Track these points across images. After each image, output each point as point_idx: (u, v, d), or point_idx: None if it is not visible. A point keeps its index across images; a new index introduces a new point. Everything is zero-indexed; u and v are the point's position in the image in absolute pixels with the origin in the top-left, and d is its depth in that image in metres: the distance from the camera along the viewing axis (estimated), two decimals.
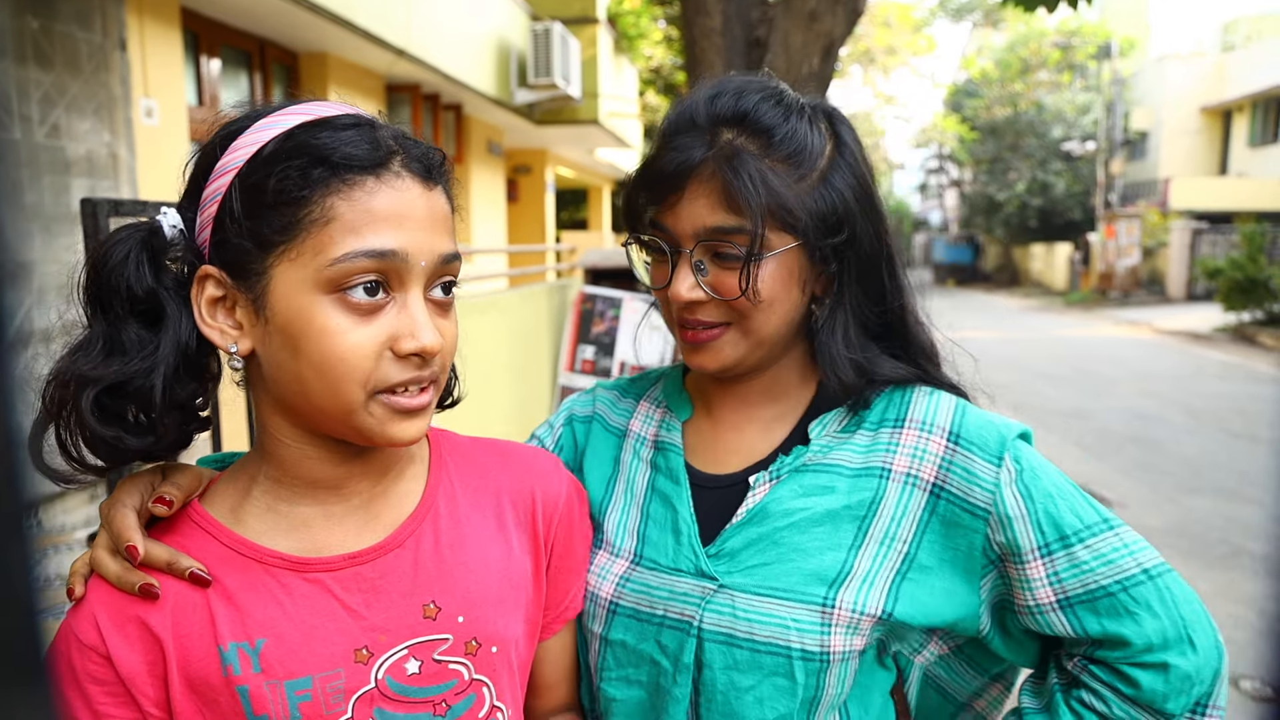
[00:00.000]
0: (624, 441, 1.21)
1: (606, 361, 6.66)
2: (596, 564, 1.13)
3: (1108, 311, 24.24)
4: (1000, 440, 1.05)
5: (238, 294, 0.86)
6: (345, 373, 0.84)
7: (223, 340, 0.87)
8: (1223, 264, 18.64)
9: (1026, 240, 37.20)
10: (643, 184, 1.09)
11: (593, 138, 13.84)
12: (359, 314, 0.84)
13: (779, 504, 1.07)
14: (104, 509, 0.91)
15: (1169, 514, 6.70)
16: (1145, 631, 1.01)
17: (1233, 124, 31.32)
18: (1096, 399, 11.22)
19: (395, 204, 0.85)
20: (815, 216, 1.02)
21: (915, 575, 1.04)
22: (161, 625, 0.86)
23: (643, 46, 16.55)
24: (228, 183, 0.85)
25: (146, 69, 6.01)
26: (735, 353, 1.07)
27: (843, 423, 1.11)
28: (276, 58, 7.90)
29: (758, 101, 1.03)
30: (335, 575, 0.91)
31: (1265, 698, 4.07)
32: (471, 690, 0.95)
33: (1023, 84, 35.62)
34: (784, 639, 1.01)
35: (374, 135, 0.86)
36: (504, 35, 10.53)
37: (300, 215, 0.82)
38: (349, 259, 0.82)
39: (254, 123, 0.87)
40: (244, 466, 0.96)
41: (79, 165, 5.47)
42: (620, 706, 1.10)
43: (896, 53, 24.00)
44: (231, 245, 0.85)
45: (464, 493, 1.02)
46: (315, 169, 0.82)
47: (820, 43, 4.13)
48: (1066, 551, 1.02)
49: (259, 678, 0.86)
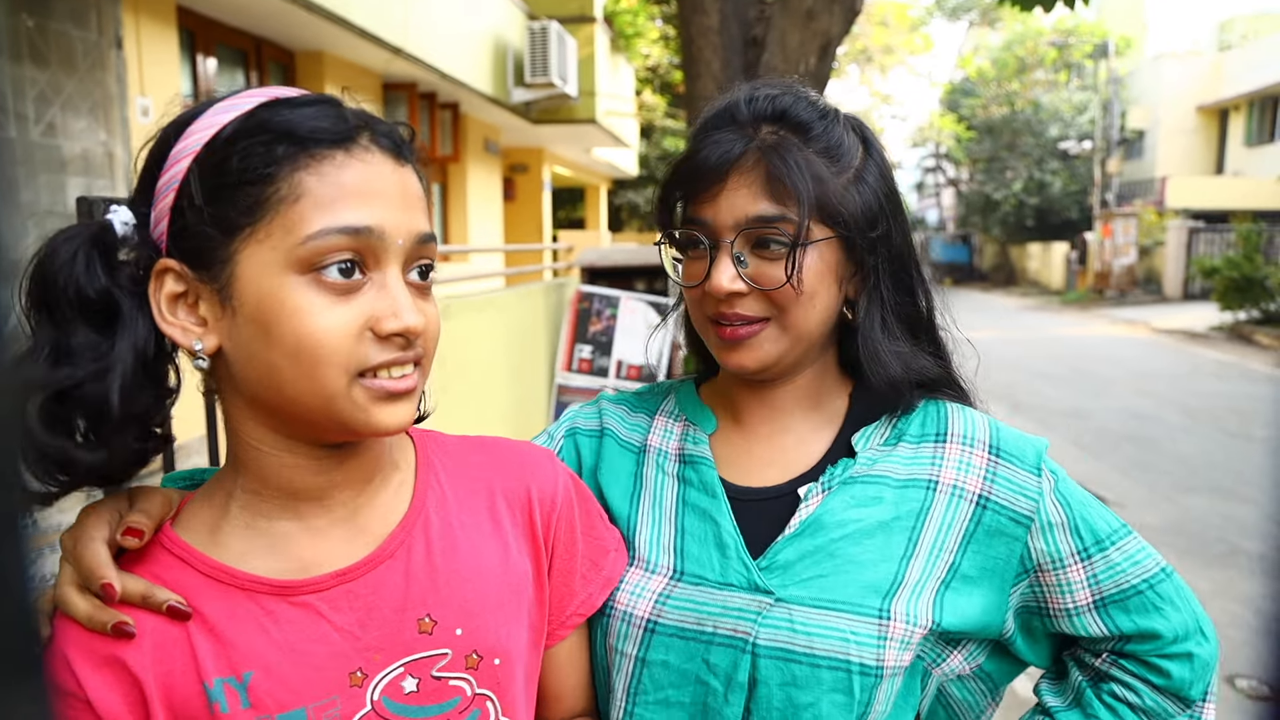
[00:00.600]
0: (644, 457, 1.17)
1: (604, 360, 6.66)
2: (629, 582, 1.08)
3: (1104, 310, 24.28)
4: (1036, 453, 1.10)
5: (200, 286, 0.81)
6: (323, 355, 0.78)
7: (185, 338, 0.81)
8: (1219, 263, 18.68)
9: (1023, 239, 37.24)
10: (680, 179, 1.09)
11: (590, 137, 13.83)
12: (335, 293, 0.79)
13: (832, 515, 1.06)
14: (65, 541, 0.84)
15: (1166, 513, 6.71)
16: (1173, 624, 1.08)
17: (1229, 123, 31.36)
18: (1094, 398, 11.23)
19: (367, 178, 0.80)
20: (853, 211, 1.04)
21: (958, 585, 1.06)
22: (140, 665, 0.80)
23: (640, 45, 16.54)
24: (184, 168, 0.80)
25: (142, 67, 6.00)
26: (775, 349, 1.06)
27: (884, 436, 1.11)
28: (273, 56, 7.88)
29: (794, 101, 1.06)
30: (323, 595, 0.85)
31: (1262, 696, 4.08)
32: (475, 706, 0.90)
33: (1019, 83, 35.65)
34: (844, 652, 0.99)
35: (338, 111, 0.82)
36: (501, 34, 10.52)
37: (267, 193, 0.78)
38: (322, 235, 0.77)
39: (207, 109, 0.83)
40: (219, 483, 0.89)
41: (75, 164, 5.46)
42: None
43: (893, 52, 24.02)
44: (192, 233, 0.79)
45: (455, 496, 0.96)
46: (280, 145, 0.78)
47: (817, 42, 4.13)
48: (1103, 555, 1.08)
49: (249, 713, 0.81)
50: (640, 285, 7.13)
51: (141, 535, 0.82)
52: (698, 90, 4.38)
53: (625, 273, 7.20)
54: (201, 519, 0.87)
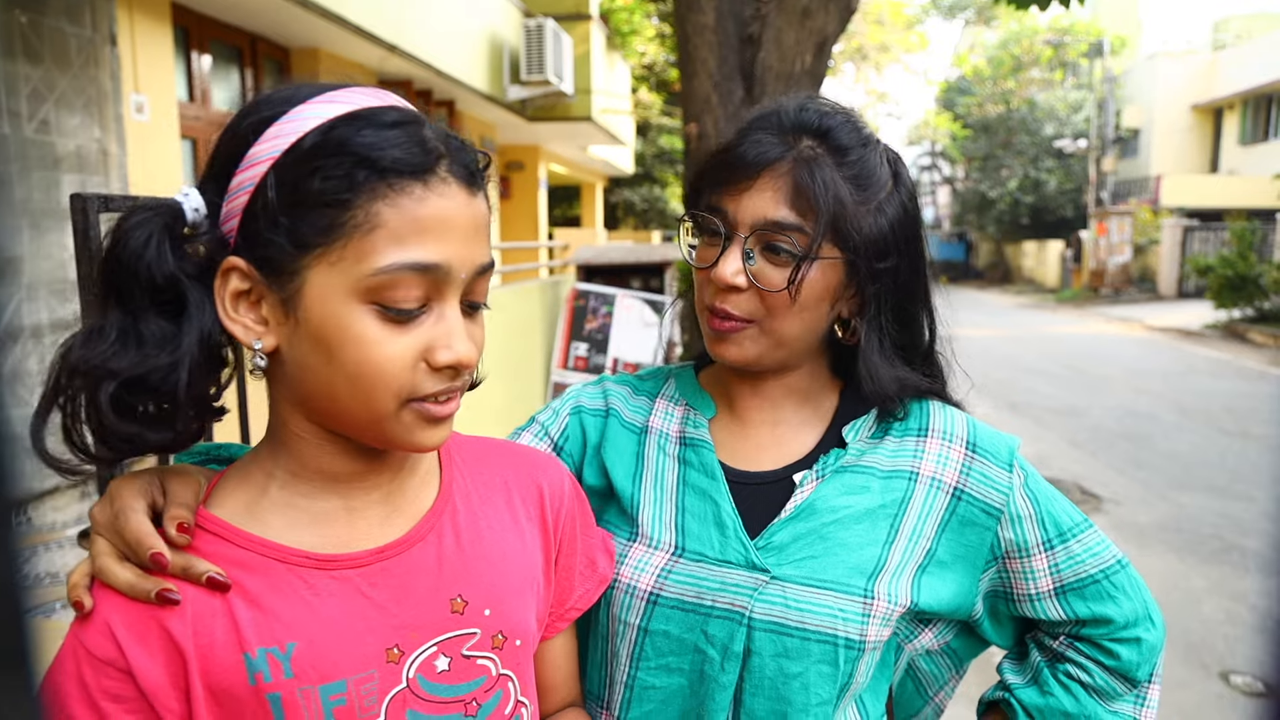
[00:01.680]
0: (645, 438, 1.23)
1: (599, 358, 6.66)
2: (632, 557, 1.15)
3: (1099, 309, 24.33)
4: (1009, 450, 1.19)
5: (265, 290, 0.81)
6: (381, 383, 0.80)
7: (246, 336, 0.82)
8: (1213, 261, 18.72)
9: (1018, 237, 37.30)
10: (715, 168, 1.15)
11: (586, 134, 13.82)
12: (396, 324, 0.80)
13: (824, 501, 1.13)
14: (100, 515, 0.85)
15: (1161, 510, 6.73)
16: (1124, 611, 1.19)
17: (1224, 122, 31.44)
18: (1089, 396, 11.26)
19: (441, 213, 0.81)
20: (866, 239, 1.09)
21: (934, 569, 1.14)
22: (182, 633, 0.80)
23: (635, 43, 16.53)
24: (261, 174, 0.80)
25: (137, 64, 5.98)
26: (755, 349, 1.12)
27: (872, 429, 1.19)
28: (268, 53, 7.87)
29: (841, 122, 1.11)
30: (363, 571, 0.87)
31: (1257, 693, 4.09)
32: (499, 687, 0.93)
33: (1015, 81, 35.70)
34: (832, 627, 1.07)
35: (420, 135, 0.81)
36: (496, 31, 10.50)
37: (343, 219, 0.78)
38: (393, 270, 0.78)
39: (288, 109, 0.82)
40: (255, 462, 0.91)
41: (69, 161, 5.44)
42: (657, 694, 1.13)
43: (889, 50, 24.01)
44: (263, 241, 0.80)
45: (475, 487, 1.00)
46: (360, 171, 0.78)
47: (813, 40, 4.13)
48: (1064, 546, 1.18)
49: (291, 684, 0.82)
50: (636, 283, 7.13)
51: (192, 531, 0.84)
52: (693, 88, 4.37)
53: (621, 270, 7.20)
54: (238, 498, 0.88)
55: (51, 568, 4.62)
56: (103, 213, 1.47)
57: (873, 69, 24.54)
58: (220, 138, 0.85)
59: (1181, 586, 5.29)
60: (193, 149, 7.14)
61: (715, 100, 4.29)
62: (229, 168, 0.82)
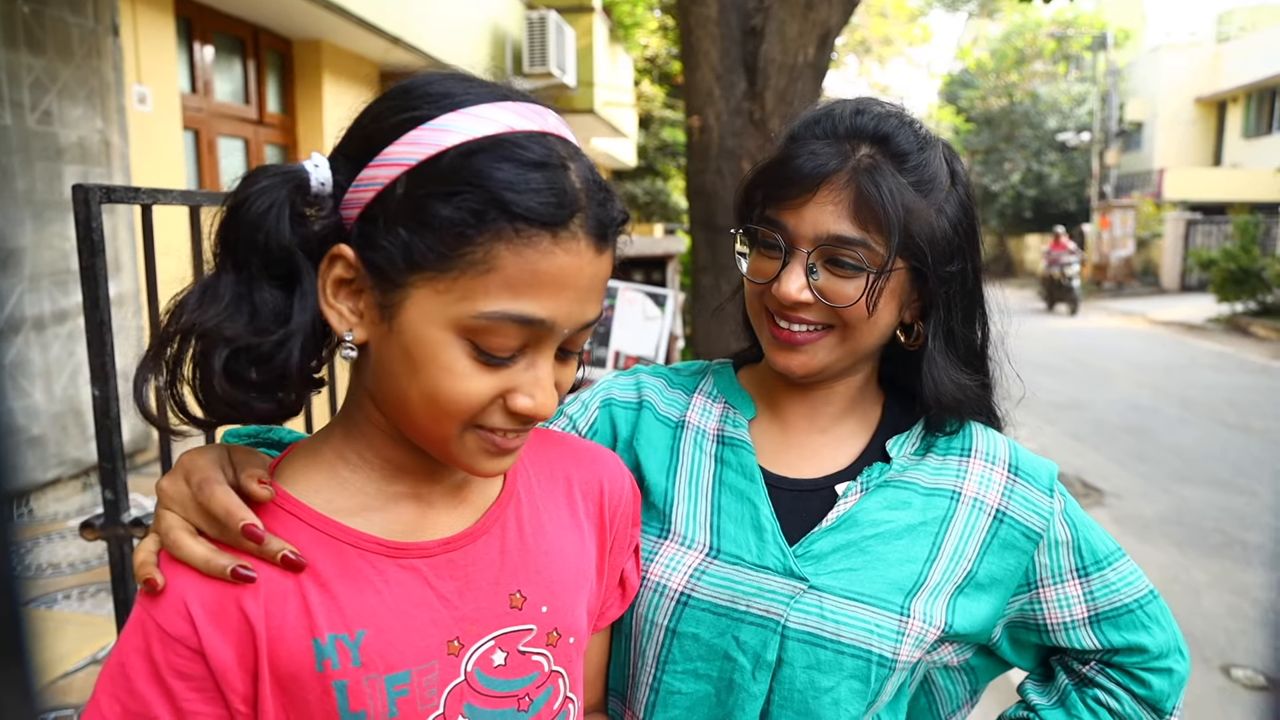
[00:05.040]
0: (681, 433, 1.19)
1: (601, 351, 6.65)
2: (664, 554, 1.11)
3: (1102, 302, 24.30)
4: (1050, 475, 1.17)
5: (367, 285, 0.79)
6: (453, 412, 0.79)
7: (340, 325, 0.80)
8: (1216, 255, 18.71)
9: (1021, 231, 37.25)
10: (769, 179, 1.09)
11: (588, 127, 13.80)
12: (486, 366, 0.78)
13: (867, 514, 1.10)
14: (174, 489, 0.83)
15: (1163, 504, 6.72)
16: (1158, 641, 1.17)
17: (1227, 115, 31.35)
18: (1092, 390, 11.25)
19: (563, 271, 0.77)
20: (932, 244, 1.05)
21: (971, 591, 1.11)
22: (256, 614, 0.79)
23: (638, 35, 16.50)
24: (392, 176, 0.77)
25: (139, 55, 5.97)
26: (829, 358, 1.09)
27: (915, 445, 1.17)
28: (270, 44, 7.85)
29: (899, 126, 1.07)
30: (429, 562, 0.86)
31: (1259, 686, 4.09)
32: (550, 683, 0.92)
33: (1018, 75, 35.61)
34: (866, 642, 1.04)
35: (562, 184, 0.77)
36: (499, 23, 10.48)
37: (462, 251, 0.75)
38: (497, 319, 0.76)
39: (438, 115, 0.78)
40: (327, 443, 0.88)
41: (71, 151, 5.44)
42: (684, 700, 1.09)
43: (892, 43, 23.94)
44: (378, 244, 0.77)
45: (538, 481, 0.98)
46: (491, 210, 0.75)
47: (816, 32, 4.11)
48: (1100, 574, 1.16)
49: (359, 672, 0.80)
50: (638, 276, 7.12)
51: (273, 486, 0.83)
52: (696, 81, 4.36)
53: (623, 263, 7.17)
54: (308, 478, 0.86)
55: (54, 558, 4.63)
56: (104, 203, 1.47)
57: (876, 62, 24.48)
58: (365, 113, 0.83)
59: (1183, 580, 5.29)
60: (195, 140, 7.14)
61: (718, 93, 4.28)
62: (364, 154, 0.79)
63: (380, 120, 0.80)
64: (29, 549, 4.75)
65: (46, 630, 3.83)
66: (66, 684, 3.36)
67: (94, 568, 4.48)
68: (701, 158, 4.33)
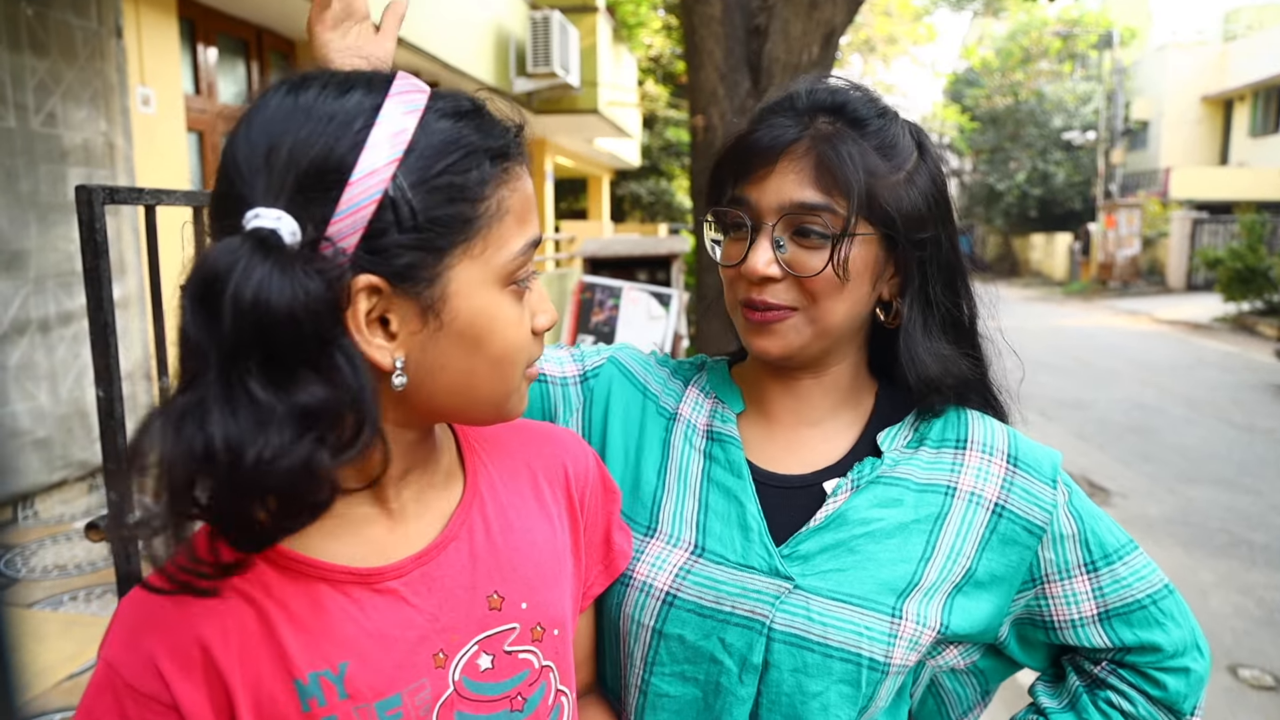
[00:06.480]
0: (673, 425, 1.17)
1: None
2: (650, 553, 1.09)
3: (1107, 301, 24.24)
4: (1053, 465, 1.12)
5: (396, 301, 0.76)
6: (520, 360, 0.85)
7: (386, 359, 0.76)
8: (1222, 254, 18.64)
9: (1026, 230, 37.18)
10: (732, 158, 1.08)
11: (592, 127, 13.80)
12: (521, 300, 0.85)
13: (856, 513, 1.07)
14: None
15: (1169, 504, 6.71)
16: (1173, 639, 1.11)
17: (1234, 114, 31.27)
18: (1097, 389, 11.22)
19: (530, 190, 0.85)
20: (900, 210, 1.03)
21: (970, 590, 1.07)
22: (228, 665, 0.77)
23: (642, 35, 16.48)
24: (382, 181, 0.73)
25: (143, 57, 5.98)
26: (799, 339, 1.06)
27: (907, 438, 1.13)
28: (273, 45, 7.87)
29: (855, 97, 1.06)
30: (405, 580, 0.84)
31: (1265, 686, 4.08)
32: (542, 679, 0.92)
33: (1023, 73, 35.53)
34: (856, 645, 1.01)
35: (499, 119, 0.84)
36: (503, 23, 10.48)
37: (479, 210, 0.79)
38: (524, 251, 0.82)
39: (368, 123, 0.74)
40: None
41: (75, 154, 5.45)
42: (671, 703, 1.07)
43: (897, 41, 23.90)
44: (396, 251, 0.74)
45: (499, 475, 0.97)
46: (486, 161, 0.80)
47: (820, 31, 4.11)
48: (1109, 569, 1.10)
49: (347, 704, 0.79)
50: (642, 275, 7.12)
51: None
52: (700, 80, 4.36)
53: (627, 263, 7.19)
54: None
55: (60, 560, 4.64)
56: (107, 204, 1.46)
57: (880, 61, 24.44)
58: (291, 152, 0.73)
59: (1189, 580, 5.27)
60: (199, 142, 7.15)
61: (722, 92, 4.28)
62: (326, 182, 0.72)
63: (327, 148, 0.73)
64: (35, 551, 4.76)
65: (52, 632, 3.84)
66: (72, 685, 3.36)
67: (100, 569, 4.49)
68: (706, 157, 4.32)
